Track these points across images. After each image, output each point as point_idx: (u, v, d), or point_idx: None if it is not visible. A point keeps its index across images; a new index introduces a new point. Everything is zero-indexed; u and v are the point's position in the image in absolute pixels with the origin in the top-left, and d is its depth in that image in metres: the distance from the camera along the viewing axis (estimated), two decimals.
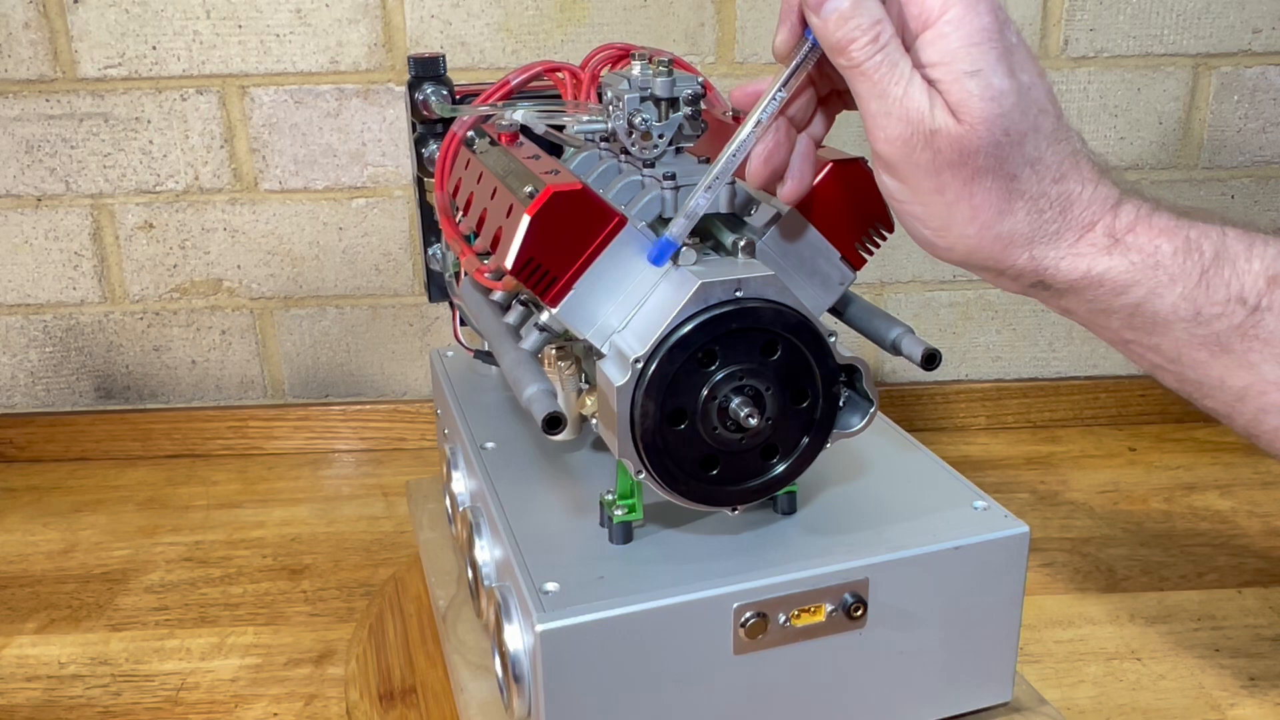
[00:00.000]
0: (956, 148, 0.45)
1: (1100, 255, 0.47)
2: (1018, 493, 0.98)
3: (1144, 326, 0.49)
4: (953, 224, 0.47)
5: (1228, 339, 0.48)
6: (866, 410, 0.54)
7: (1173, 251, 0.48)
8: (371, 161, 1.03)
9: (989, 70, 0.44)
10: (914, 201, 0.47)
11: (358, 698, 0.70)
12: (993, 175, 0.46)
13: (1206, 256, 0.48)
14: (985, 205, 0.46)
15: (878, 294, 1.09)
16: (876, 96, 0.45)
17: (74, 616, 0.82)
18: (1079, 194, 0.47)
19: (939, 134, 0.45)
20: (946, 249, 0.49)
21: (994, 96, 0.45)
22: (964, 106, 0.45)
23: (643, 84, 0.56)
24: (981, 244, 0.47)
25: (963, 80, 0.44)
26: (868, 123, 0.46)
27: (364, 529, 0.94)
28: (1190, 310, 0.48)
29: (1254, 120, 1.05)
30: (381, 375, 1.10)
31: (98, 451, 1.08)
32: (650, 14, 0.99)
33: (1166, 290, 0.48)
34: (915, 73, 0.45)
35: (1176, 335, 0.49)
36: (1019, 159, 0.46)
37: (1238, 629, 0.78)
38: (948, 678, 0.58)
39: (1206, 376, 0.50)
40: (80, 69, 0.99)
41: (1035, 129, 0.46)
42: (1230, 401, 0.50)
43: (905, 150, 0.46)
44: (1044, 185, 0.46)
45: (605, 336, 0.51)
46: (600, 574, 0.53)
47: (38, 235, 1.04)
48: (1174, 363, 0.50)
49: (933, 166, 0.46)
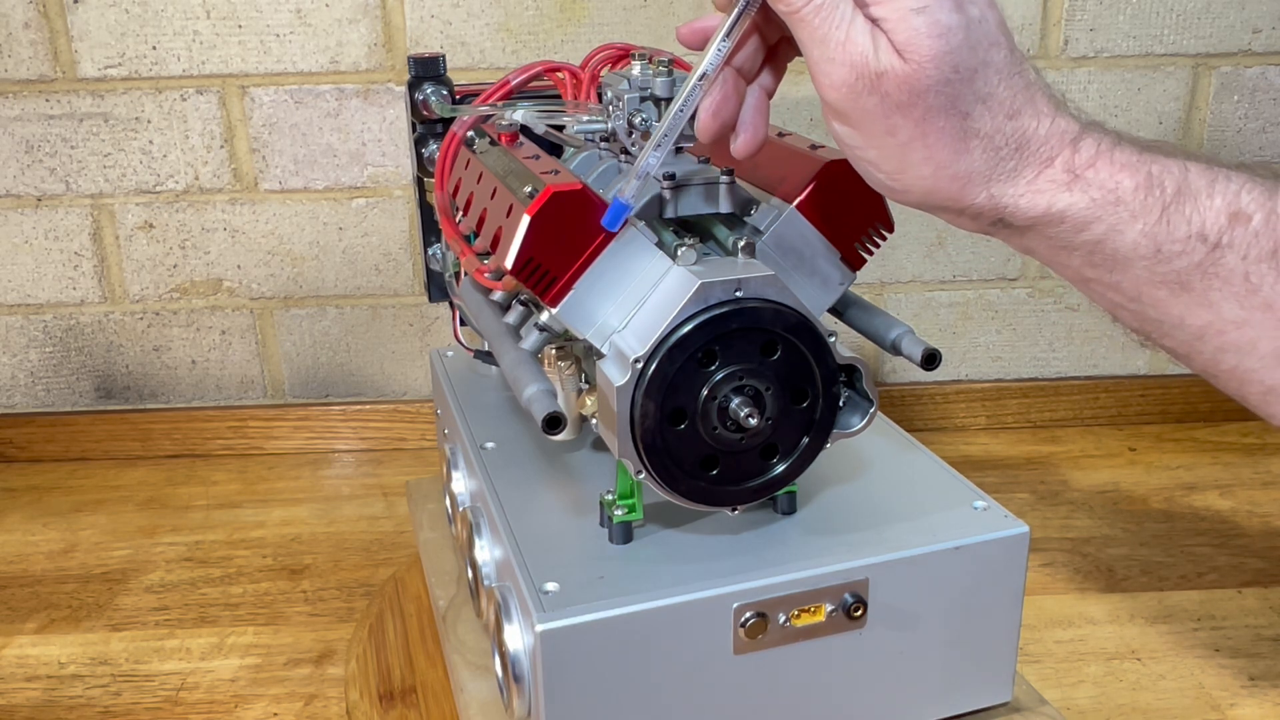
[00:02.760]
0: (905, 88, 0.44)
1: (1060, 191, 0.46)
2: (1018, 493, 0.98)
3: (1104, 264, 0.48)
4: (907, 166, 0.46)
5: (1188, 277, 0.47)
6: (866, 410, 0.54)
7: (1134, 187, 0.46)
8: (371, 161, 1.03)
9: (935, 5, 0.43)
10: (867, 146, 0.46)
11: (358, 698, 0.70)
12: (945, 114, 0.44)
13: (1168, 192, 0.47)
14: (939, 145, 0.45)
15: (878, 294, 1.09)
16: (818, 42, 0.44)
17: (74, 616, 0.82)
18: (1035, 129, 0.46)
19: (885, 76, 0.44)
20: (903, 191, 0.48)
21: (941, 33, 0.43)
22: (910, 45, 0.43)
23: (643, 84, 0.56)
24: (938, 185, 0.46)
25: (909, 18, 0.43)
26: (812, 70, 0.45)
27: (364, 529, 0.94)
28: (1151, 247, 0.47)
29: (1254, 120, 1.05)
30: (381, 375, 1.10)
31: (98, 451, 1.08)
32: (650, 14, 0.99)
33: (1127, 227, 0.47)
34: (857, 14, 0.44)
35: (1137, 273, 0.48)
36: (970, 96, 0.44)
37: (1238, 629, 0.77)
38: (948, 678, 0.58)
39: (1166, 315, 0.49)
40: (80, 69, 0.99)
41: (985, 63, 0.44)
42: (1189, 340, 0.49)
43: (852, 95, 0.44)
44: (998, 121, 0.45)
45: (605, 336, 0.51)
46: (600, 574, 0.53)
47: (38, 235, 1.04)
48: (1134, 301, 0.49)
49: (881, 110, 0.44)
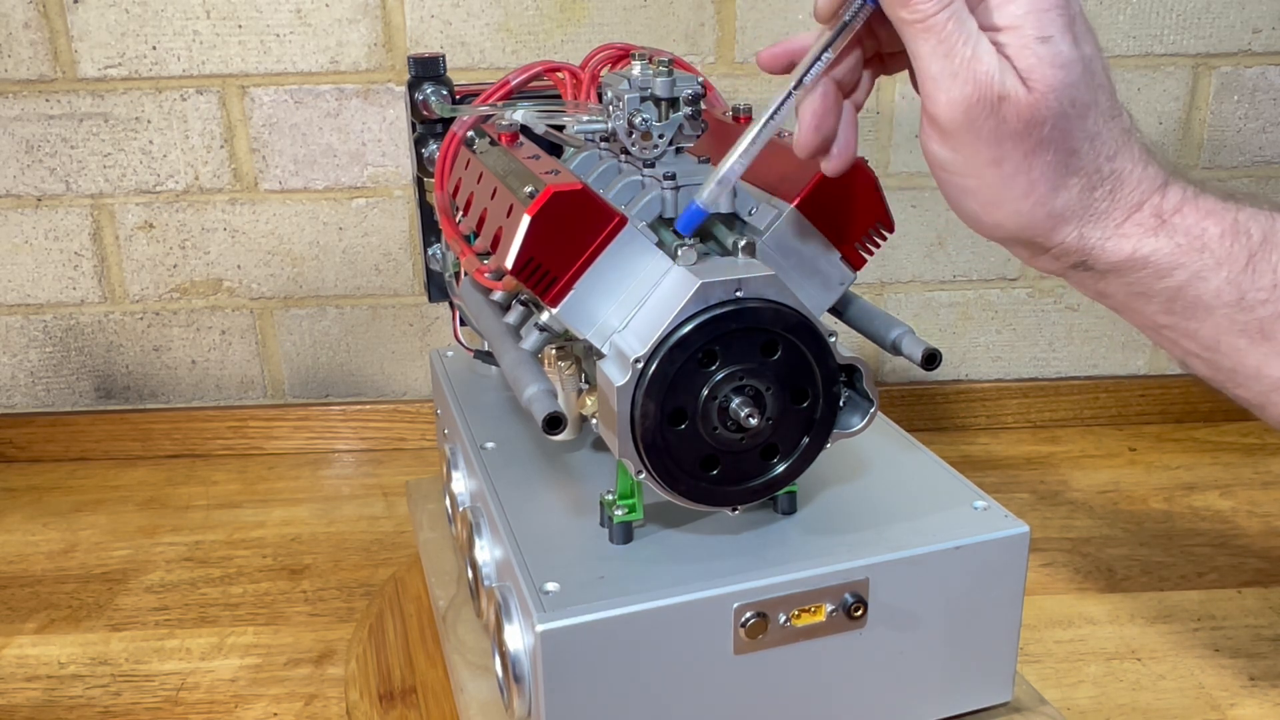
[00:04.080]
0: (1024, 116, 0.43)
1: (1147, 236, 0.46)
2: (1018, 493, 0.98)
3: (1184, 311, 0.47)
4: (1006, 199, 0.45)
5: (1270, 326, 0.47)
6: (867, 410, 0.54)
7: (1220, 234, 0.46)
8: (371, 161, 1.03)
9: (1059, 37, 0.43)
10: (967, 173, 0.45)
11: (358, 698, 0.70)
12: (1054, 148, 0.44)
13: (1254, 240, 0.46)
14: (1042, 180, 0.44)
15: (878, 294, 1.09)
16: (942, 56, 0.43)
17: (74, 616, 0.82)
18: (1130, 172, 0.46)
19: (1007, 100, 0.43)
20: (993, 225, 0.47)
21: (1064, 64, 0.43)
22: (1034, 73, 0.43)
23: (643, 84, 0.56)
24: (1034, 220, 0.45)
25: (1033, 46, 0.42)
26: (927, 85, 0.44)
27: (364, 529, 0.94)
28: (1234, 295, 0.46)
29: (1254, 120, 1.05)
30: (381, 375, 1.10)
31: (98, 451, 1.08)
32: (650, 14, 0.99)
33: (1211, 274, 0.46)
34: (982, 34, 0.43)
35: (1217, 321, 0.47)
36: (1080, 133, 0.44)
37: (1238, 629, 0.78)
38: (948, 678, 0.58)
39: (1242, 364, 0.48)
40: (80, 69, 0.99)
41: (1095, 103, 0.44)
42: (1265, 391, 0.49)
43: (968, 116, 0.43)
44: (1099, 161, 0.45)
45: (605, 336, 0.51)
46: (600, 574, 0.53)
47: (38, 235, 1.04)
48: (1210, 350, 0.48)
49: (995, 135, 0.43)
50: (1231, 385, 0.50)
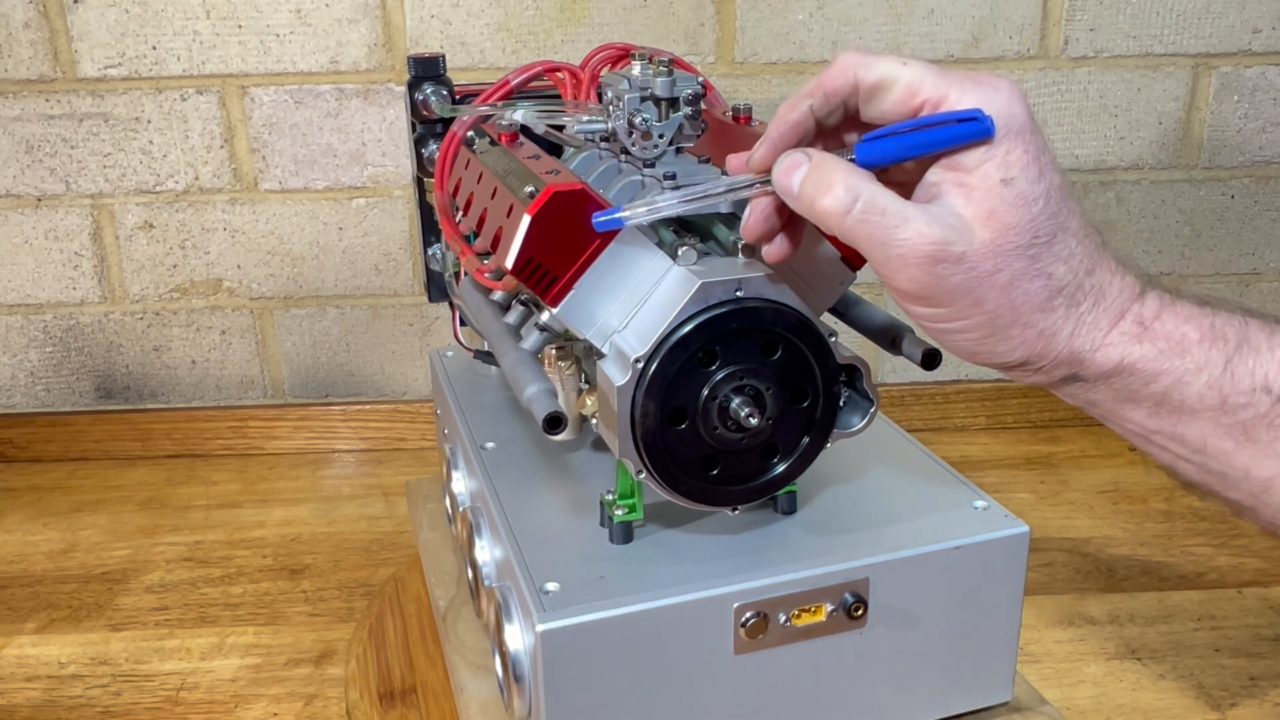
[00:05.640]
0: (990, 258, 0.44)
1: (1131, 344, 0.47)
2: (1018, 493, 0.98)
3: (1170, 415, 0.49)
4: (996, 330, 0.46)
5: (1254, 428, 0.48)
6: (867, 410, 0.54)
7: (1199, 338, 0.47)
8: (371, 161, 1.03)
9: (1020, 176, 0.44)
10: (952, 319, 0.46)
11: (358, 698, 0.70)
12: (1029, 276, 0.45)
13: (1230, 344, 0.48)
14: (1026, 305, 0.46)
15: (878, 294, 1.09)
16: (879, 244, 0.44)
17: (74, 616, 0.82)
18: (1109, 284, 0.47)
19: (967, 253, 0.44)
20: (988, 354, 0.48)
21: (1026, 203, 0.44)
22: (996, 215, 0.44)
23: (643, 84, 0.56)
24: (1026, 341, 0.47)
25: (997, 190, 0.44)
26: (881, 271, 0.45)
27: (364, 529, 0.94)
28: (1216, 398, 0.47)
29: (1254, 120, 1.05)
30: (381, 375, 1.10)
31: (98, 451, 1.08)
32: (650, 14, 0.99)
33: (1193, 378, 0.47)
34: (908, 205, 0.44)
35: (1202, 424, 0.48)
36: (1051, 256, 0.45)
37: (1238, 629, 0.77)
38: (948, 678, 0.58)
39: (1231, 467, 0.49)
40: (80, 69, 0.99)
41: (1064, 227, 0.45)
42: (1256, 493, 0.50)
43: (933, 278, 0.44)
44: (1079, 278, 0.46)
45: (605, 336, 0.51)
46: (600, 574, 0.53)
47: (38, 235, 1.04)
48: (1198, 453, 0.49)
49: (968, 284, 0.44)
50: (1222, 488, 0.51)
